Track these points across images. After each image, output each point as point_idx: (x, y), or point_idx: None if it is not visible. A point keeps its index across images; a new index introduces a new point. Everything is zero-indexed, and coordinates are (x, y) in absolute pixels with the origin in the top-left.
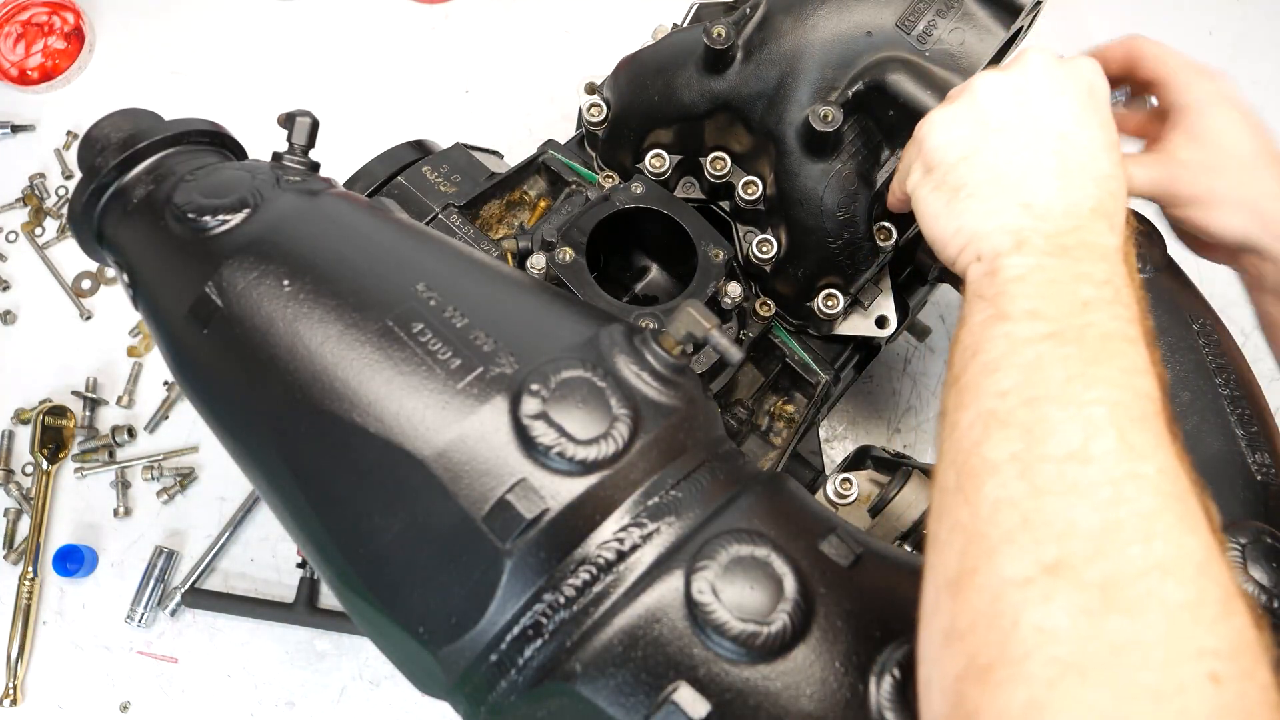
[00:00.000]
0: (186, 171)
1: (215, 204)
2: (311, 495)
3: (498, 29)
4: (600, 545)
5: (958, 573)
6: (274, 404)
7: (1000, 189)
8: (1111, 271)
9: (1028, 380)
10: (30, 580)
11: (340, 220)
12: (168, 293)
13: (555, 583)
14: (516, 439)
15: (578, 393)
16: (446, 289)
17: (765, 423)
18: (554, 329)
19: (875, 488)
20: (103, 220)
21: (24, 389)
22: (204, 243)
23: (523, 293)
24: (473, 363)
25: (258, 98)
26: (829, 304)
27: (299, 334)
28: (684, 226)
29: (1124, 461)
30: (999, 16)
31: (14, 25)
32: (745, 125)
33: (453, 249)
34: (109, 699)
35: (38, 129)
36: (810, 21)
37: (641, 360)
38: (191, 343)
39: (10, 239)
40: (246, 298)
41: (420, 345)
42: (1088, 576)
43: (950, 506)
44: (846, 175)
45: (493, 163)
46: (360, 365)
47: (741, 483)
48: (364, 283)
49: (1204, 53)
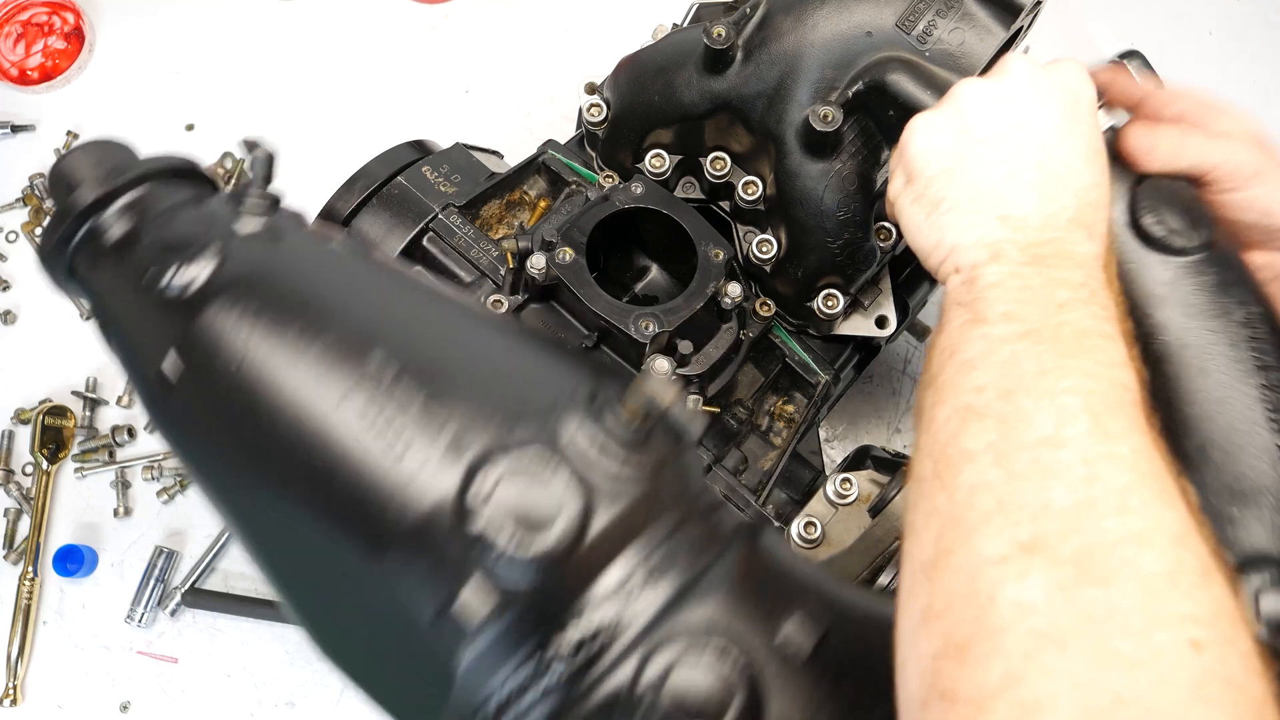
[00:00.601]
0: (152, 217)
1: (168, 266)
2: (277, 574)
3: (498, 29)
4: (550, 650)
5: (934, 555)
6: (240, 484)
7: (978, 203)
8: (1088, 276)
9: (1003, 375)
10: (30, 580)
11: (294, 280)
12: (135, 352)
13: (505, 694)
14: (461, 541)
15: (524, 486)
16: (404, 355)
17: (765, 423)
18: (514, 396)
19: (875, 488)
20: (74, 261)
21: (24, 389)
22: (161, 306)
23: (486, 348)
24: (419, 453)
25: (258, 98)
26: (829, 304)
27: (253, 417)
28: (684, 226)
29: (1098, 443)
30: (999, 16)
31: (14, 25)
32: (745, 125)
33: (415, 298)
34: (109, 699)
35: (38, 129)
36: (810, 21)
37: (600, 434)
38: (161, 411)
39: (10, 239)
40: (203, 376)
41: (369, 432)
42: (1063, 551)
43: (927, 493)
44: (846, 175)
45: (493, 163)
46: (313, 456)
47: (710, 552)
48: (315, 359)
49: (1204, 53)
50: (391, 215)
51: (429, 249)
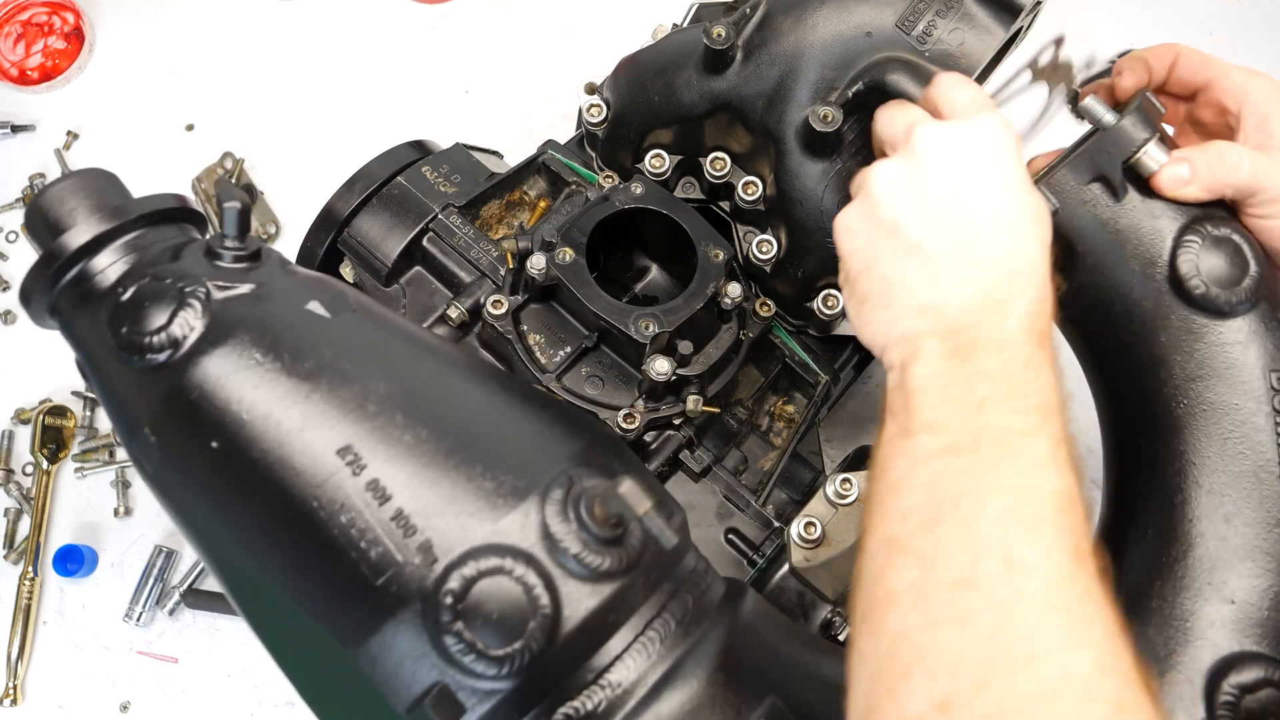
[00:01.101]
0: (131, 273)
1: (142, 337)
2: (259, 630)
3: (498, 29)
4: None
5: (865, 710)
6: (220, 554)
7: (894, 298)
8: (1006, 362)
9: (925, 501)
10: (30, 580)
11: (271, 353)
12: (118, 412)
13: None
14: (434, 643)
15: (494, 591)
16: (376, 445)
17: (765, 423)
18: (489, 485)
19: None
20: (59, 303)
21: (24, 389)
22: (139, 374)
23: (467, 419)
24: (393, 552)
25: (258, 98)
26: (829, 304)
27: (230, 497)
28: (684, 226)
29: (1008, 581)
30: (999, 17)
31: (14, 25)
32: (745, 125)
33: (394, 365)
34: (109, 699)
35: (38, 129)
36: (810, 22)
37: (573, 534)
38: (143, 472)
39: (10, 239)
40: (180, 452)
41: (344, 526)
42: (977, 712)
43: (858, 637)
44: (846, 175)
45: (493, 163)
46: (288, 545)
47: (683, 646)
48: (291, 446)
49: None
50: (391, 215)
51: (429, 249)
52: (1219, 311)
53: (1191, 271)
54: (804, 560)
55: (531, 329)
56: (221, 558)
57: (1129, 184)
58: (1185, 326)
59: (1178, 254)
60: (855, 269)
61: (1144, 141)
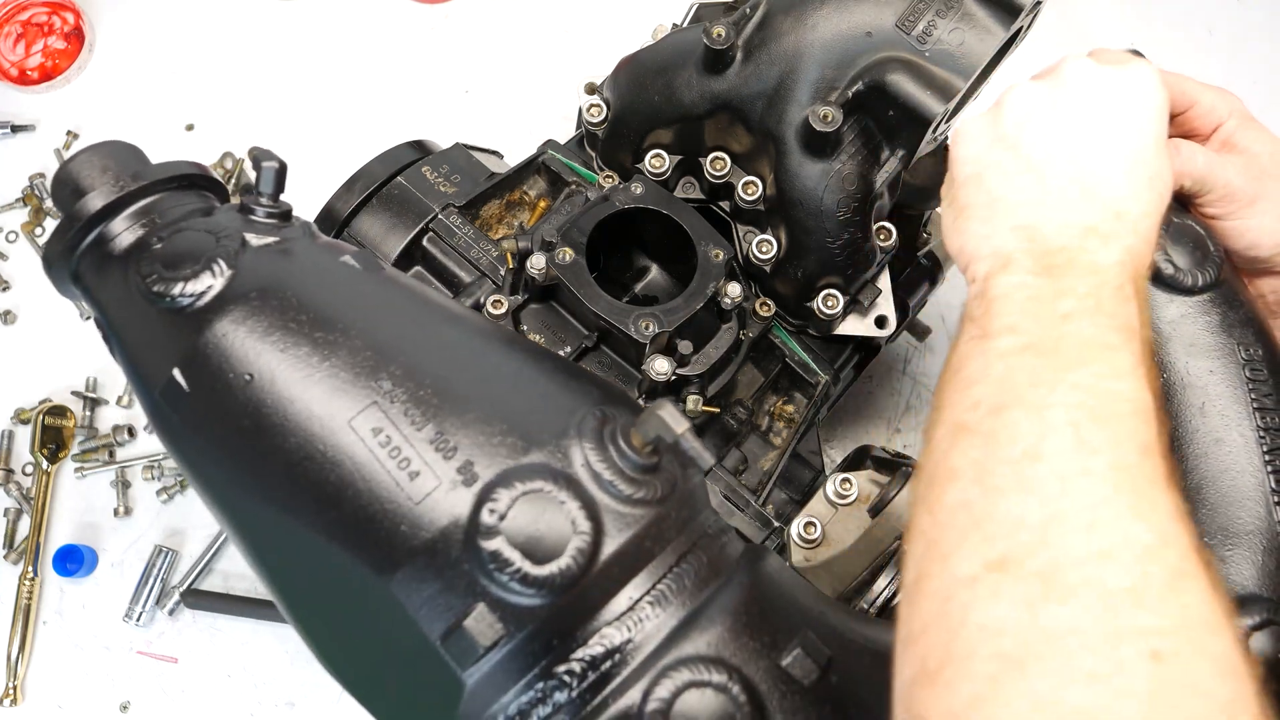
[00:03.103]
0: (162, 225)
1: (178, 276)
2: (283, 592)
3: (498, 29)
4: (561, 669)
5: (915, 579)
6: (246, 499)
7: (996, 211)
8: (1098, 284)
9: (997, 390)
10: (30, 580)
11: (306, 295)
12: (143, 365)
13: (513, 712)
14: (473, 563)
15: (536, 511)
16: (412, 380)
17: (765, 423)
18: (523, 421)
19: (875, 488)
20: (79, 268)
21: (24, 389)
22: (170, 317)
23: (499, 368)
24: (432, 474)
25: (258, 98)
26: (829, 304)
27: (262, 433)
28: (684, 226)
29: (1076, 457)
30: (999, 16)
31: (14, 25)
32: (745, 125)
33: (427, 316)
34: (109, 699)
35: (38, 129)
36: (810, 21)
37: (610, 461)
38: (166, 423)
39: (10, 239)
40: (212, 389)
41: (382, 451)
42: (1029, 567)
43: (917, 516)
44: (846, 175)
45: (493, 163)
46: (323, 474)
47: (716, 580)
48: (327, 376)
49: (1204, 52)
50: (391, 215)
51: (429, 249)
52: (1188, 289)
53: (1159, 252)
54: (804, 560)
55: (531, 329)
56: (246, 503)
57: None
58: (1157, 305)
59: None
60: (964, 175)
61: None
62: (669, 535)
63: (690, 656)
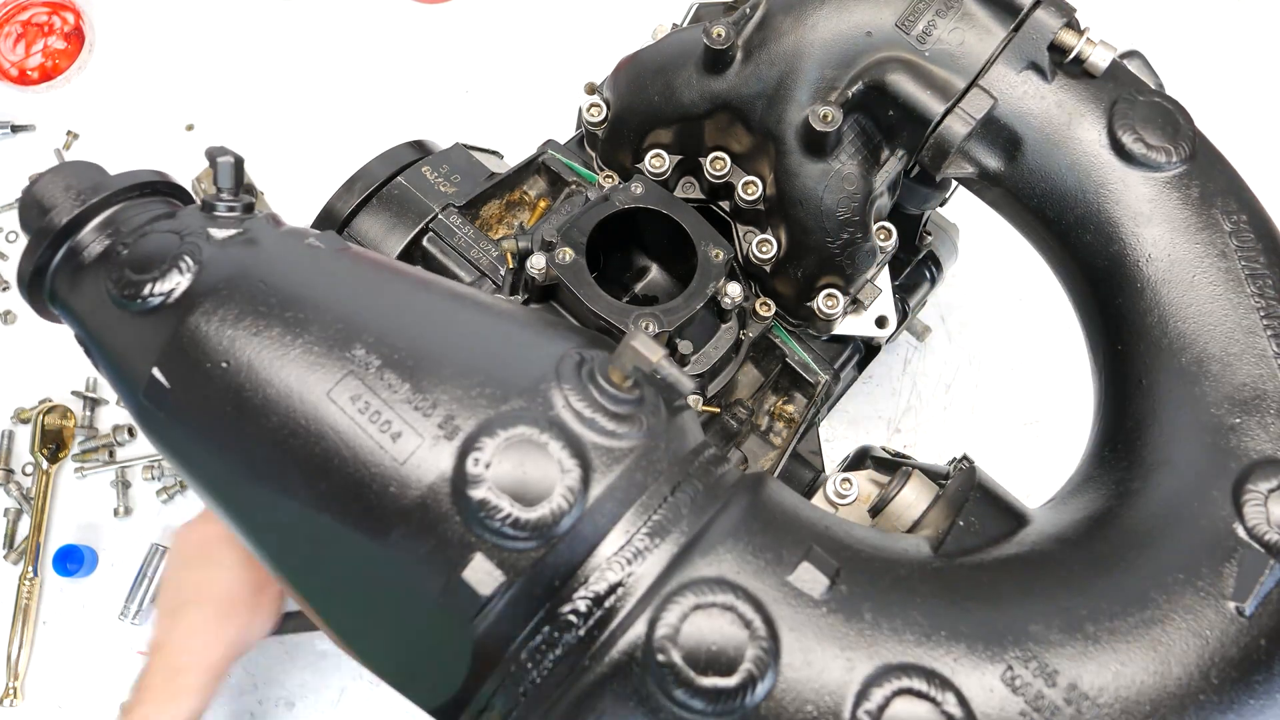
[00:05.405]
0: (128, 232)
1: (146, 278)
2: (284, 569)
3: (498, 29)
4: (566, 610)
5: None
6: (239, 486)
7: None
8: None
9: None
10: (30, 580)
11: (273, 279)
12: (124, 369)
13: (523, 658)
14: (464, 514)
15: (520, 455)
16: (385, 345)
17: (765, 423)
18: (501, 371)
19: (875, 488)
20: (55, 286)
21: (24, 389)
22: (143, 318)
23: (471, 326)
24: (414, 433)
25: (258, 98)
26: (829, 304)
27: (245, 416)
28: (684, 226)
29: None
30: (999, 16)
31: (14, 25)
32: (745, 125)
33: (395, 284)
34: (109, 699)
35: (38, 129)
36: (810, 21)
37: (590, 399)
38: (153, 423)
39: (10, 239)
40: (192, 382)
41: (362, 417)
42: None
43: None
44: (846, 175)
45: (493, 163)
46: (309, 447)
47: (713, 506)
48: (301, 353)
49: (1204, 52)
50: (391, 215)
51: (429, 249)
52: (1161, 166)
53: (1129, 133)
54: None
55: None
56: (240, 489)
57: (1057, 66)
58: (1133, 185)
59: (1114, 120)
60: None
61: (1062, 23)
62: (660, 466)
63: (694, 580)
